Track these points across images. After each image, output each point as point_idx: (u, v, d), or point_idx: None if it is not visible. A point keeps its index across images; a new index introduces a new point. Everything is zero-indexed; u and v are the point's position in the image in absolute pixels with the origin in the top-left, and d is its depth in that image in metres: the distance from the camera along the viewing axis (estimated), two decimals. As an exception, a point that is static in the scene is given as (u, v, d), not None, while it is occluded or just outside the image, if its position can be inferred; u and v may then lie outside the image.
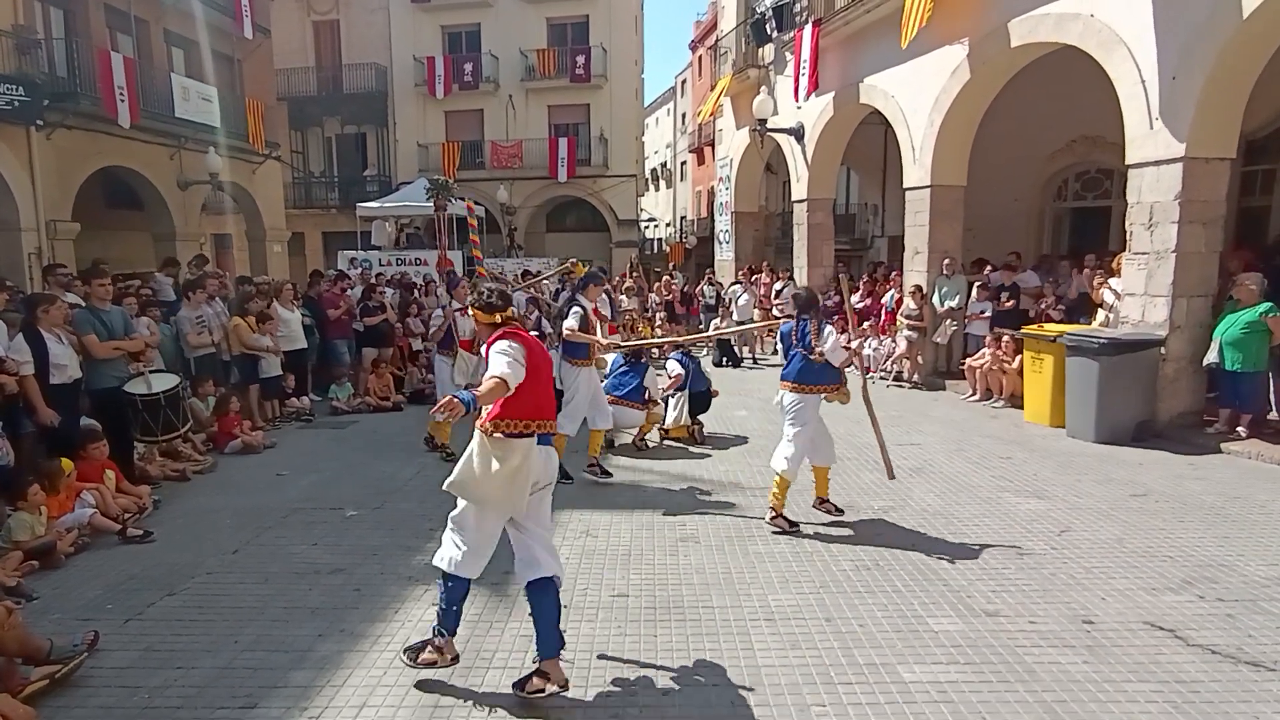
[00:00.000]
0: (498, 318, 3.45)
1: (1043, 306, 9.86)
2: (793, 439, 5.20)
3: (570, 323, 6.25)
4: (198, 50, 17.21)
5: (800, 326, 5.20)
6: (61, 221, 13.46)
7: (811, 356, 5.10)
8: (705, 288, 15.97)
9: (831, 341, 5.07)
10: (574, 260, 7.34)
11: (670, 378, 8.05)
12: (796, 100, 13.72)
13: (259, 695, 3.32)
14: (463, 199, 13.72)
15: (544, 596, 3.31)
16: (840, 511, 5.47)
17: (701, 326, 15.09)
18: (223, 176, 16.19)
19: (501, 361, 3.22)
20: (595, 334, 6.38)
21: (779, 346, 5.91)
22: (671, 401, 7.95)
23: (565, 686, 3.27)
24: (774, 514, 5.25)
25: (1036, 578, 4.41)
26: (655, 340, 10.38)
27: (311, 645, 3.74)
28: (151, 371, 6.78)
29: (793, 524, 5.21)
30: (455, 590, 3.39)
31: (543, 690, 3.22)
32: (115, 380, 6.34)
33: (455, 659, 3.45)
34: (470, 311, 3.67)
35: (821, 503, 5.52)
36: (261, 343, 8.71)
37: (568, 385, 6.43)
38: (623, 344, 8.03)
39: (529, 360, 3.30)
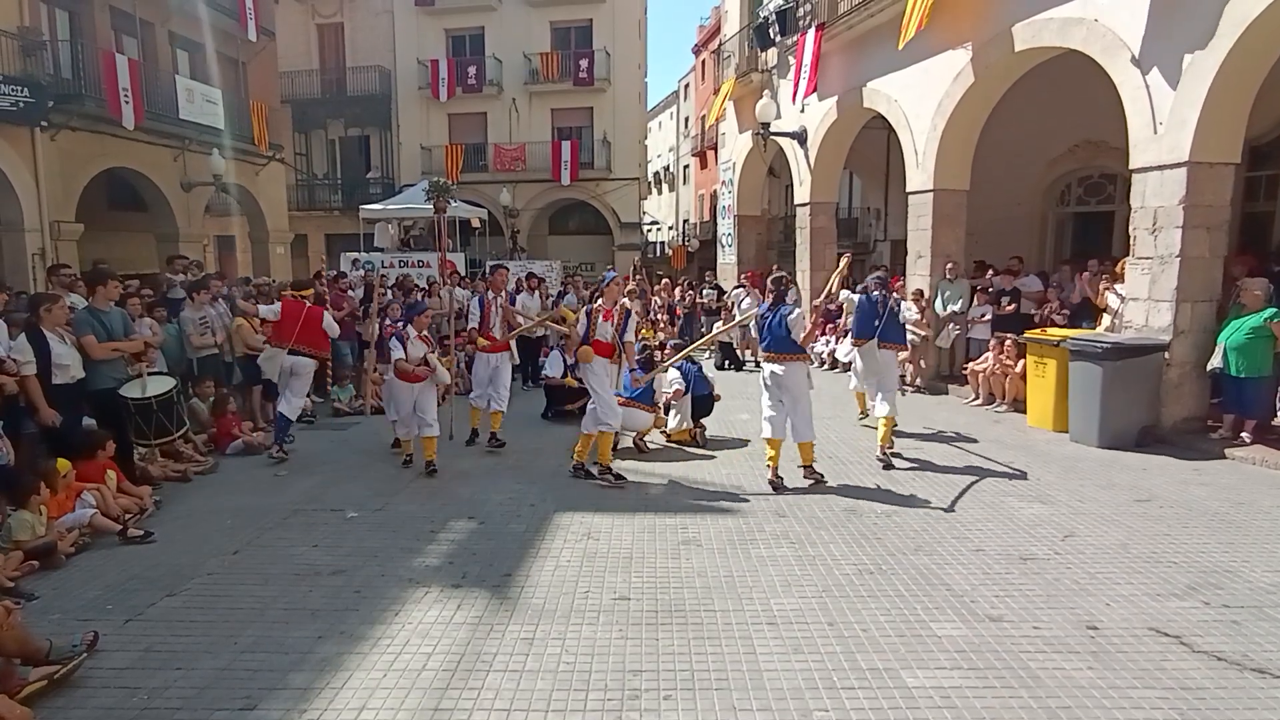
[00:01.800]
0: (301, 294, 7.38)
1: (1045, 311, 9.83)
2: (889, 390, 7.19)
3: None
4: (202, 52, 17.25)
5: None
6: (65, 222, 13.50)
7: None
8: (706, 290, 15.94)
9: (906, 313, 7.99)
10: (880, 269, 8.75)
11: (670, 386, 7.95)
12: (794, 102, 13.72)
13: (258, 697, 3.31)
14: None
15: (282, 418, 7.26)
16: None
17: (702, 330, 15.06)
18: (226, 178, 16.22)
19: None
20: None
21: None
22: (674, 407, 7.92)
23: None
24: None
25: (1040, 583, 4.39)
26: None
27: (311, 647, 3.73)
28: (150, 374, 6.72)
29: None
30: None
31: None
32: (114, 381, 6.31)
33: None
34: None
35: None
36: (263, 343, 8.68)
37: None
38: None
39: (283, 313, 7.22)
